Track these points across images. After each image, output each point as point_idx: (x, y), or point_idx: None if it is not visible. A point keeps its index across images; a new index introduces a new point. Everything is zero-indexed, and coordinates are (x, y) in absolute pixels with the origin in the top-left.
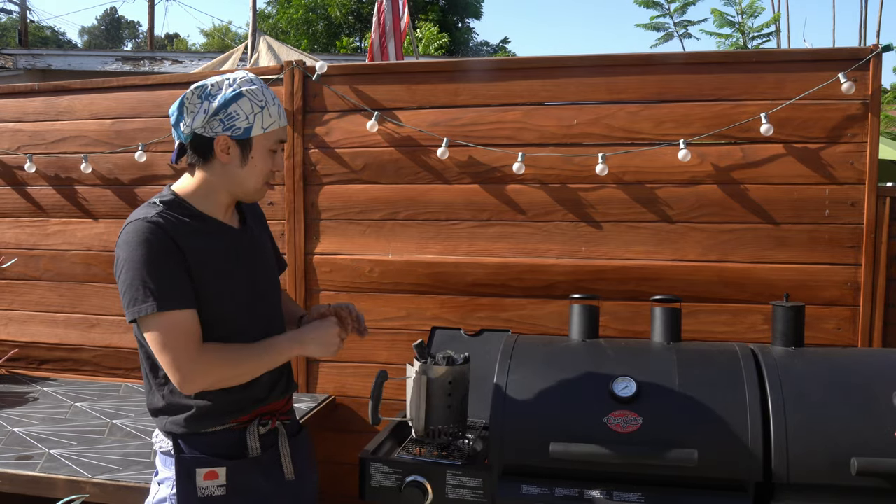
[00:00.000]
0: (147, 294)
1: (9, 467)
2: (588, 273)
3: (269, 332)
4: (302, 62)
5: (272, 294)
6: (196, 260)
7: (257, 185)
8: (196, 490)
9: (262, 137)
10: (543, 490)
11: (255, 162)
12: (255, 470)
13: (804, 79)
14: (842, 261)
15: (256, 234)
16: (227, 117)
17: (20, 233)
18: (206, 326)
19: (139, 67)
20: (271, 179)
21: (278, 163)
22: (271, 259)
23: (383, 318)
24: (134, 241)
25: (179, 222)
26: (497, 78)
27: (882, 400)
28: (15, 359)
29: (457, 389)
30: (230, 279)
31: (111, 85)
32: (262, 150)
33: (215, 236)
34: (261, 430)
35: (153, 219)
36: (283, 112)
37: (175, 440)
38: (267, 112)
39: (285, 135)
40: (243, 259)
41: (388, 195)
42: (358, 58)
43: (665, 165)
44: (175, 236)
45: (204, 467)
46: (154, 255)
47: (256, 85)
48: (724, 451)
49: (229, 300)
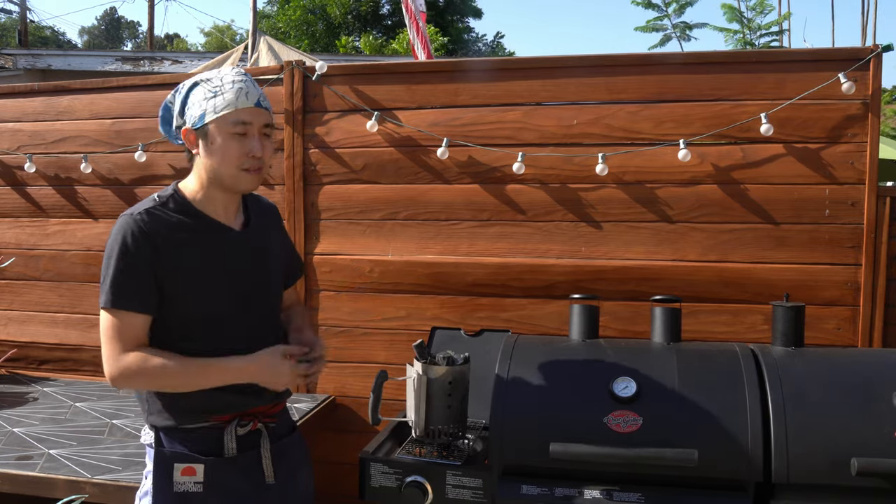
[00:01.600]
0: (107, 287)
1: (9, 467)
2: (588, 273)
3: (257, 338)
4: (302, 62)
5: (265, 300)
6: (177, 257)
7: (229, 171)
8: (172, 484)
9: (218, 121)
10: (543, 490)
11: (218, 148)
12: (233, 470)
13: (804, 79)
14: (842, 261)
15: (261, 238)
16: (187, 109)
17: (20, 233)
18: (186, 325)
19: (139, 67)
20: (248, 165)
21: (253, 147)
22: (273, 264)
23: (383, 318)
24: (113, 235)
25: (168, 218)
26: (497, 78)
27: (882, 400)
28: (15, 359)
29: (457, 389)
30: (216, 279)
31: (111, 85)
32: (221, 134)
33: (206, 235)
34: (239, 430)
35: (137, 216)
36: (250, 93)
37: (157, 433)
38: (221, 97)
39: (251, 116)
40: (237, 261)
41: (388, 195)
42: (358, 58)
43: (665, 165)
44: (155, 234)
45: (182, 462)
46: (123, 253)
47: (214, 75)
48: (724, 451)
49: (213, 300)
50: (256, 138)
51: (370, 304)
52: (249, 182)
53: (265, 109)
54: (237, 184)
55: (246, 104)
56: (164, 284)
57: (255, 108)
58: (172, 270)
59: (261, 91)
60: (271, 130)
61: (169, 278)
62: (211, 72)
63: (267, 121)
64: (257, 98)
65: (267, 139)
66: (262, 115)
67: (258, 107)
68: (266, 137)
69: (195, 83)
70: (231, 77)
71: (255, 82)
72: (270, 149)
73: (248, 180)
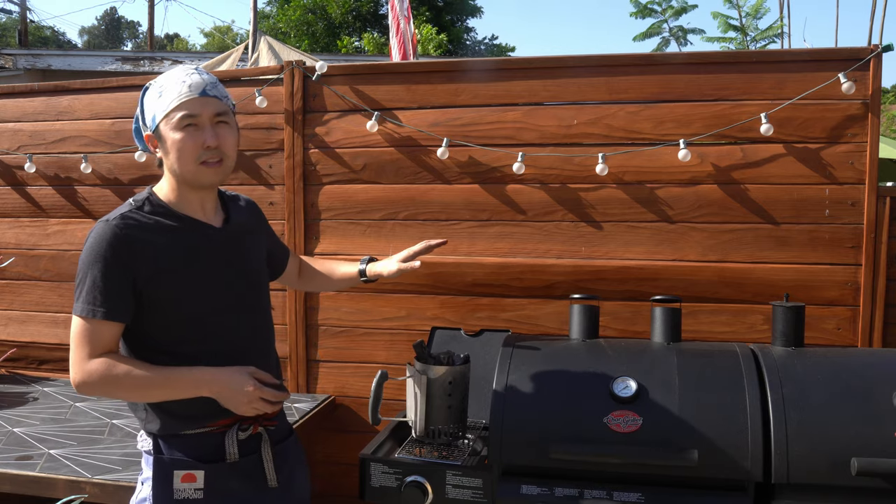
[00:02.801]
0: (82, 296)
1: (9, 467)
2: (588, 273)
3: (248, 333)
4: (302, 62)
5: (252, 295)
6: (157, 259)
7: (187, 167)
8: (173, 492)
9: (166, 119)
10: (543, 490)
11: (171, 145)
12: (234, 475)
13: (804, 79)
14: (842, 261)
15: (242, 234)
16: (145, 115)
17: (20, 233)
18: (173, 328)
19: (139, 67)
20: (206, 158)
21: (206, 137)
22: (256, 260)
23: (383, 318)
24: (89, 242)
25: (146, 221)
26: (497, 78)
27: (882, 400)
28: (15, 359)
29: (457, 389)
30: (199, 277)
31: (111, 85)
32: (172, 131)
33: (186, 233)
34: (240, 435)
35: (113, 221)
36: (193, 84)
37: (155, 440)
38: (165, 96)
39: (198, 107)
40: (220, 258)
41: (388, 195)
42: (358, 58)
43: (665, 165)
44: (132, 239)
45: (181, 469)
46: (98, 261)
47: (163, 76)
48: (724, 451)
49: (198, 299)
50: (209, 128)
51: (370, 304)
52: (210, 175)
53: (215, 98)
54: (198, 179)
55: (190, 96)
56: (145, 289)
57: (200, 97)
58: (153, 274)
59: (211, 80)
60: (229, 118)
61: (150, 282)
62: (162, 74)
63: (218, 109)
64: (202, 88)
65: (224, 128)
66: (212, 103)
67: (204, 96)
68: (222, 125)
69: (147, 87)
70: (176, 74)
71: (208, 73)
72: (231, 138)
73: (208, 174)
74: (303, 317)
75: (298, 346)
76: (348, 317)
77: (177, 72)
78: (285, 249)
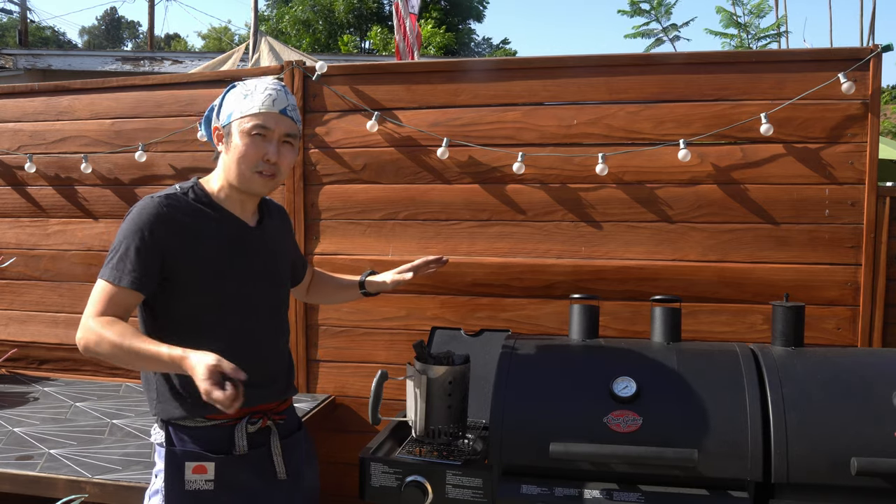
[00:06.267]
0: (113, 263)
1: (9, 467)
2: (588, 273)
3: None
4: (302, 62)
5: (273, 294)
6: (192, 243)
7: (243, 170)
8: (184, 483)
9: (239, 121)
10: (543, 490)
11: (236, 147)
12: (244, 467)
13: (804, 79)
14: (842, 261)
15: (273, 236)
16: (223, 109)
17: (20, 233)
18: (193, 309)
19: (139, 67)
20: (262, 169)
21: (269, 151)
22: (282, 263)
23: (383, 318)
24: (132, 214)
25: (187, 205)
26: (497, 78)
27: (882, 400)
28: (15, 359)
29: (457, 389)
30: (228, 267)
31: (111, 85)
32: (242, 133)
33: (221, 224)
34: (250, 427)
35: (158, 198)
36: (277, 101)
37: (167, 429)
38: (250, 99)
39: (273, 122)
40: (251, 253)
41: (388, 195)
42: (358, 58)
43: (665, 165)
44: (172, 220)
45: (193, 461)
46: (135, 232)
47: (253, 80)
48: (724, 451)
49: (218, 287)
50: (274, 144)
51: (370, 304)
52: (261, 185)
53: (290, 119)
54: (249, 185)
55: (271, 109)
56: (173, 270)
57: (278, 114)
58: (186, 255)
59: (293, 103)
60: (295, 141)
61: (179, 263)
62: (253, 78)
63: (289, 130)
64: (284, 107)
65: (287, 148)
66: (286, 123)
67: (283, 114)
68: (287, 146)
69: (234, 85)
70: (266, 83)
71: (292, 94)
72: (290, 158)
73: (259, 183)
74: (303, 317)
75: (298, 346)
76: (348, 317)
77: (267, 81)
78: (304, 261)
